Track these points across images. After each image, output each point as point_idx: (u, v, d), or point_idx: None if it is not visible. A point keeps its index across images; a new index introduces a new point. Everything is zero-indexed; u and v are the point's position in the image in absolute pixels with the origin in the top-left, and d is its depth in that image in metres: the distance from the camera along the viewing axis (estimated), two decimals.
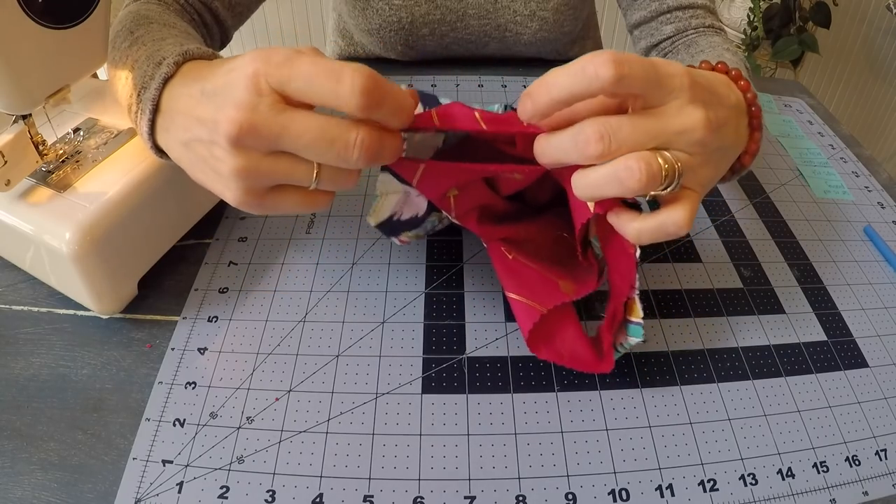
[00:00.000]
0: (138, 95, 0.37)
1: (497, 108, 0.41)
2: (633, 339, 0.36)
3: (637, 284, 0.35)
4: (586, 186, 0.32)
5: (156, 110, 0.36)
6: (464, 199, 0.39)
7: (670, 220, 0.32)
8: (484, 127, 0.34)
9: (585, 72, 0.29)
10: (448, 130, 0.36)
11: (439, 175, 0.37)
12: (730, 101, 0.35)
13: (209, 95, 0.31)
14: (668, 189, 0.31)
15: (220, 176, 0.32)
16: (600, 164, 0.31)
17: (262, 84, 0.29)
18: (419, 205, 0.41)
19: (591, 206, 0.35)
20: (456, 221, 0.40)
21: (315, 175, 0.31)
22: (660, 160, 0.30)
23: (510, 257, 0.40)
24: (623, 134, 0.30)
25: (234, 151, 0.30)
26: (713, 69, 0.38)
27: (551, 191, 0.44)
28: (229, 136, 0.29)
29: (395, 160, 0.33)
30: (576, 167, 0.32)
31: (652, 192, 0.31)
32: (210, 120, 0.31)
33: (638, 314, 0.36)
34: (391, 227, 0.42)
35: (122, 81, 0.39)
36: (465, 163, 0.35)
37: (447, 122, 0.34)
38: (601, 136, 0.30)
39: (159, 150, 0.37)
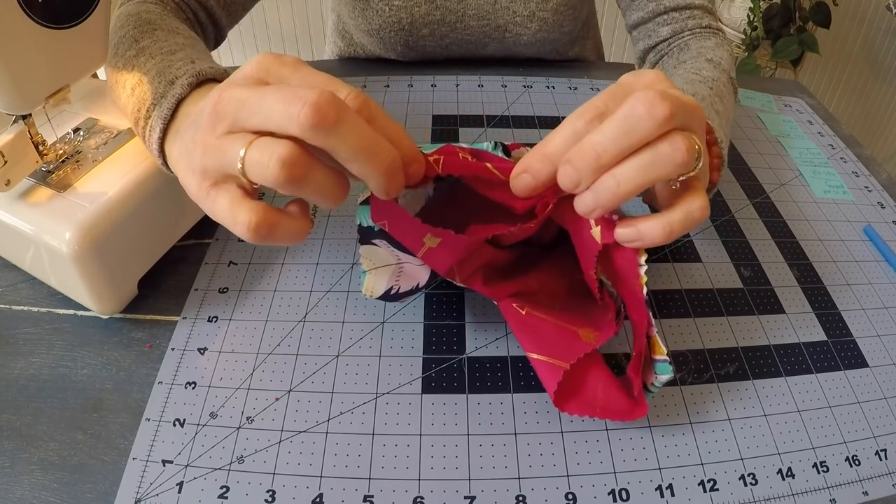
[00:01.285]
0: (147, 111, 0.37)
1: (487, 146, 0.39)
2: (664, 377, 0.35)
3: (654, 321, 0.35)
4: (631, 182, 0.30)
5: (166, 128, 0.36)
6: (468, 263, 0.37)
7: (695, 206, 0.32)
8: (496, 172, 0.33)
9: (576, 131, 0.31)
10: (454, 176, 0.35)
11: (452, 250, 0.35)
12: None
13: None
14: (698, 166, 0.31)
15: (191, 158, 0.30)
16: (633, 154, 0.30)
17: (261, 69, 0.30)
18: (418, 275, 0.38)
19: (596, 236, 0.34)
20: (462, 285, 0.38)
21: (242, 152, 0.27)
22: (693, 137, 0.30)
23: (523, 313, 0.38)
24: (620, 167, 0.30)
25: (205, 130, 0.29)
26: None
27: (556, 230, 0.42)
28: (206, 112, 0.29)
29: (394, 185, 0.30)
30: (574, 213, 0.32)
31: (684, 174, 0.31)
32: (203, 104, 0.31)
33: (661, 351, 0.35)
34: (391, 298, 0.39)
35: (128, 92, 0.40)
36: (477, 226, 0.34)
37: (452, 169, 0.33)
38: (595, 158, 0.30)
39: (169, 166, 0.38)
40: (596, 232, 0.35)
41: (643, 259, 0.35)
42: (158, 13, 0.47)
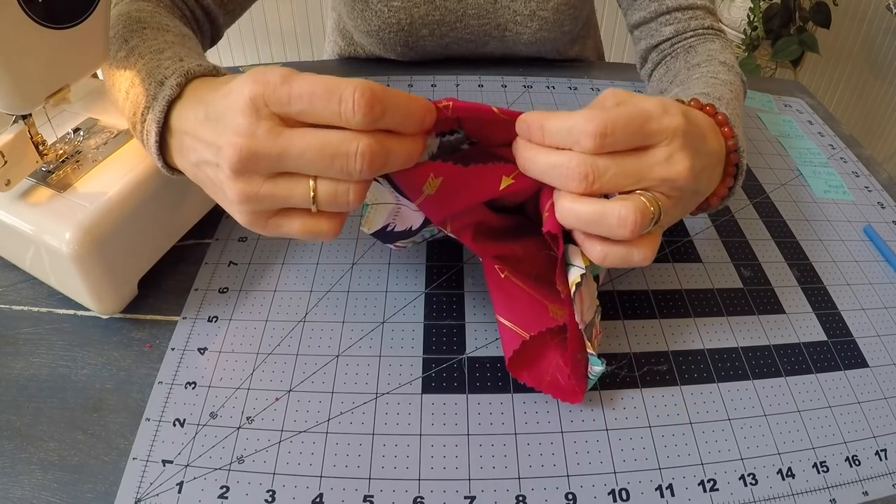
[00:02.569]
0: (142, 115, 0.37)
1: None
2: (597, 368, 0.36)
3: (579, 319, 0.35)
4: (573, 217, 0.32)
5: (163, 130, 0.36)
6: (461, 216, 0.39)
7: (638, 255, 0.33)
8: (496, 111, 0.34)
9: (570, 142, 0.32)
10: (464, 119, 0.36)
11: (445, 200, 0.36)
12: (712, 149, 0.36)
13: (212, 119, 0.32)
14: (651, 225, 0.32)
15: (227, 199, 0.32)
16: (590, 201, 0.31)
17: (260, 107, 0.29)
18: (412, 218, 0.40)
19: (543, 219, 0.35)
20: (452, 235, 0.40)
21: (312, 194, 0.31)
22: (651, 208, 0.31)
23: (502, 276, 0.40)
24: (607, 177, 0.31)
25: (236, 178, 0.30)
26: (702, 109, 0.39)
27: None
28: (230, 163, 0.29)
29: (412, 166, 0.32)
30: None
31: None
32: (214, 144, 0.31)
33: (591, 348, 0.36)
34: (385, 235, 0.41)
35: (123, 95, 0.39)
36: (470, 171, 0.35)
37: (462, 111, 0.34)
38: (585, 175, 0.31)
39: (170, 168, 0.38)
40: (544, 217, 0.35)
41: (580, 261, 0.35)
42: (149, 11, 0.46)
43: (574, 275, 0.35)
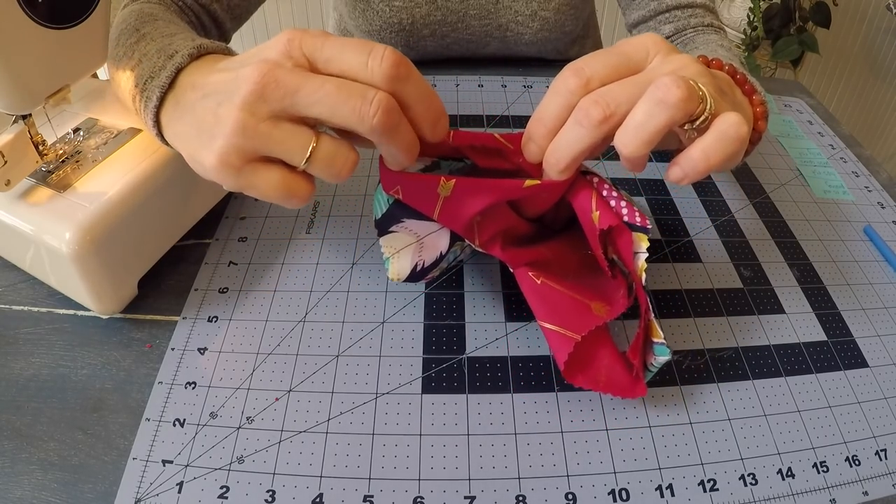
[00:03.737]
0: (144, 84, 0.37)
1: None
2: (662, 358, 0.35)
3: (651, 307, 0.36)
4: (635, 131, 0.30)
5: (163, 97, 0.35)
6: (488, 225, 0.38)
7: (726, 123, 0.31)
8: (501, 140, 0.34)
9: (558, 90, 0.32)
10: (465, 148, 0.36)
11: (463, 200, 0.36)
12: (710, 72, 0.35)
13: (231, 66, 0.32)
14: (709, 110, 0.30)
15: (212, 134, 0.31)
16: (635, 109, 0.30)
17: (294, 49, 0.30)
18: (439, 242, 0.39)
19: (595, 220, 0.35)
20: (480, 249, 0.39)
21: (311, 147, 0.30)
22: (686, 77, 0.30)
23: (539, 282, 0.38)
24: (615, 92, 0.31)
25: (242, 105, 0.30)
26: (708, 64, 0.38)
27: (569, 211, 0.42)
28: (248, 84, 0.29)
29: (410, 159, 0.32)
30: (584, 188, 0.34)
31: (694, 118, 0.31)
32: (230, 78, 0.31)
33: (658, 334, 0.36)
34: (417, 276, 0.40)
35: (127, 74, 0.39)
36: (488, 179, 0.35)
37: (462, 140, 0.35)
38: (595, 101, 0.31)
39: (162, 137, 0.37)
40: (595, 216, 0.36)
41: (643, 246, 0.35)
42: (161, 10, 0.47)
43: (641, 260, 0.35)
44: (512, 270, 0.40)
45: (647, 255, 0.35)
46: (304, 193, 0.32)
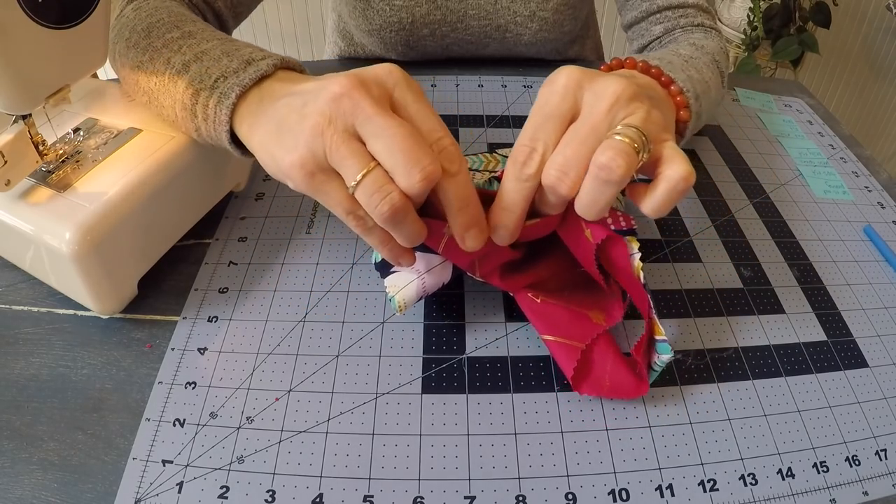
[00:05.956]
0: (215, 81, 0.38)
1: (477, 161, 0.41)
2: (665, 357, 0.36)
3: (652, 305, 0.37)
4: (588, 207, 0.33)
5: (242, 95, 0.37)
6: (488, 261, 0.39)
7: (674, 177, 0.32)
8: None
9: (518, 177, 0.34)
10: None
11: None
12: (615, 73, 0.37)
13: (318, 78, 0.34)
14: (647, 154, 0.32)
15: (294, 132, 0.33)
16: (584, 189, 0.33)
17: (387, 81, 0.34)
18: (442, 275, 0.40)
19: (590, 237, 0.37)
20: (480, 279, 0.40)
21: (364, 171, 0.31)
22: (618, 138, 0.32)
23: (538, 301, 0.40)
24: (568, 153, 0.32)
25: (331, 100, 0.32)
26: (621, 65, 0.42)
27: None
28: (341, 83, 0.32)
29: (421, 237, 0.34)
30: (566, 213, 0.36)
31: (637, 170, 0.32)
32: (320, 86, 0.33)
33: (661, 332, 0.37)
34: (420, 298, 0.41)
35: (178, 68, 0.40)
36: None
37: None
38: (558, 178, 0.32)
39: (233, 135, 0.39)
40: (588, 234, 0.37)
41: (635, 247, 0.37)
42: (184, 8, 0.48)
43: (636, 261, 0.36)
44: (512, 295, 0.41)
45: (640, 254, 0.36)
46: (358, 219, 0.34)
